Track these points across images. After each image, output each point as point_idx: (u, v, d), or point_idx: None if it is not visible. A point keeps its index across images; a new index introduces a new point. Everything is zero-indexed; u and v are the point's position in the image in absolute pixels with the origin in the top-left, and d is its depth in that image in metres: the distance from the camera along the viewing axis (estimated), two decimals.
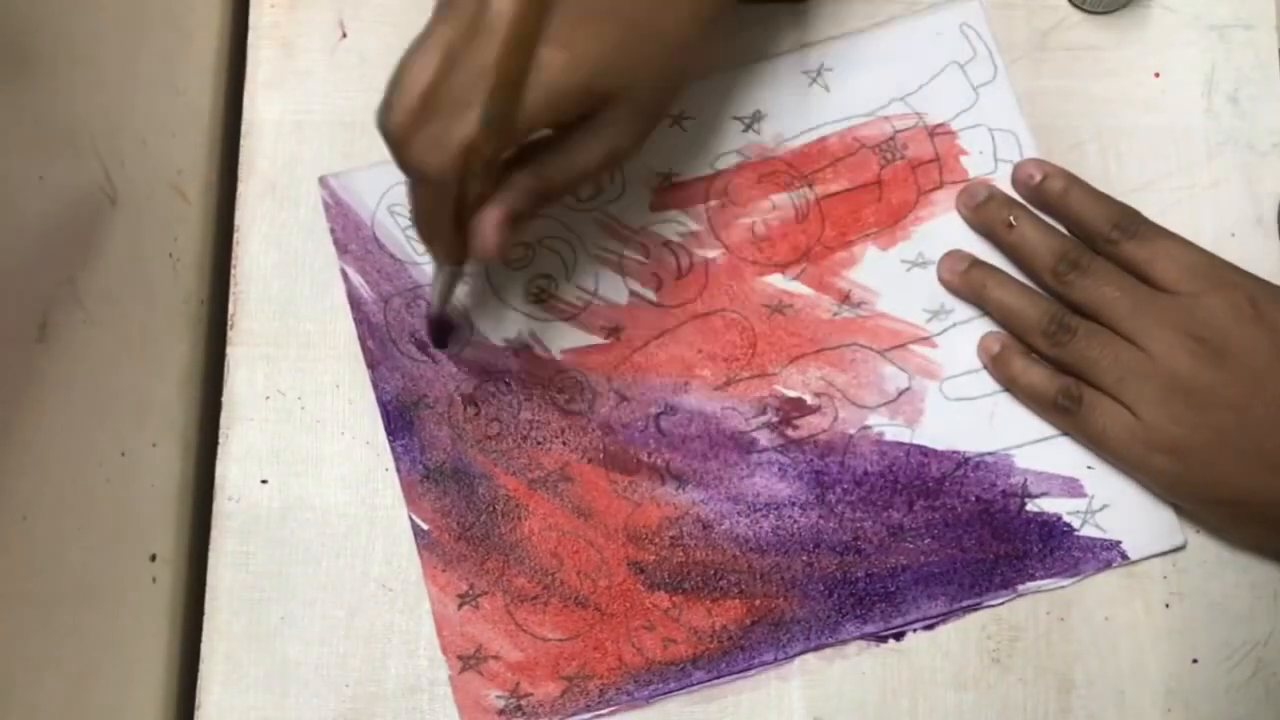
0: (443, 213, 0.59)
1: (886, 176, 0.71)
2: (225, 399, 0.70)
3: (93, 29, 0.62)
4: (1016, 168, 0.70)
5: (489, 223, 0.59)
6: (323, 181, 0.72)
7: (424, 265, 0.71)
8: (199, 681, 0.68)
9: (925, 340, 0.70)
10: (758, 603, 0.67)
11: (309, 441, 0.70)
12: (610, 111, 0.59)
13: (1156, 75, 0.73)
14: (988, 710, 0.67)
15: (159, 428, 0.69)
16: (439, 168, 0.56)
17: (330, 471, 0.70)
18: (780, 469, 0.68)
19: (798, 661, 0.67)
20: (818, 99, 0.72)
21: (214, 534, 0.69)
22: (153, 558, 0.67)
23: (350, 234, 0.71)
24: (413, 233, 0.71)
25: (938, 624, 0.67)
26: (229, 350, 0.71)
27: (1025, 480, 0.68)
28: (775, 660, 0.67)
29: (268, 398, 0.70)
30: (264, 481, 0.69)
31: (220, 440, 0.70)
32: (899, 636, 0.67)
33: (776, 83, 0.73)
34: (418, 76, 0.55)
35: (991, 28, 0.73)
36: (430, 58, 0.55)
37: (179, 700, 0.69)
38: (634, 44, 0.58)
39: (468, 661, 0.67)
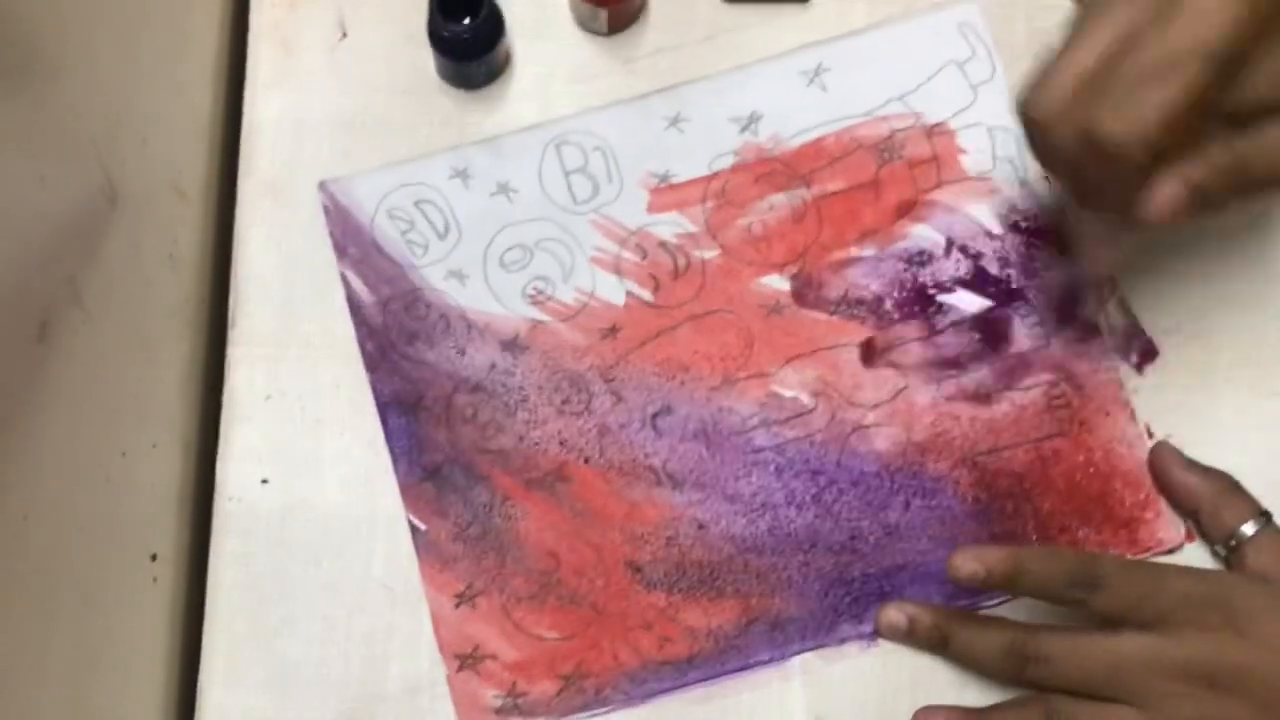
0: (1117, 190, 0.57)
1: (884, 176, 0.71)
2: (225, 399, 0.71)
3: (93, 29, 0.63)
4: (953, 568, 0.62)
5: (1168, 178, 0.56)
6: (322, 186, 0.72)
7: (422, 269, 0.71)
8: (199, 681, 0.68)
9: (922, 340, 0.70)
10: (754, 602, 0.67)
11: (309, 441, 0.70)
12: None
13: None
14: None
15: (159, 428, 0.69)
16: (1128, 129, 0.54)
17: (330, 471, 0.70)
18: (777, 469, 0.68)
19: (798, 661, 0.67)
20: (815, 99, 0.72)
21: (214, 534, 0.69)
22: (153, 558, 0.67)
23: (350, 238, 0.71)
24: (412, 236, 0.71)
25: None
26: (229, 350, 0.71)
27: (1025, 479, 0.68)
28: (771, 660, 0.67)
29: (268, 398, 0.70)
30: (264, 482, 0.70)
31: (220, 440, 0.70)
32: None
33: (774, 83, 0.73)
34: (1083, 53, 0.55)
35: (992, 28, 0.73)
36: (1102, 34, 0.55)
37: (179, 700, 0.69)
38: None
39: (465, 661, 0.67)
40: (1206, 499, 0.66)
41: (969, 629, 0.66)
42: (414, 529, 0.68)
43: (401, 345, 0.70)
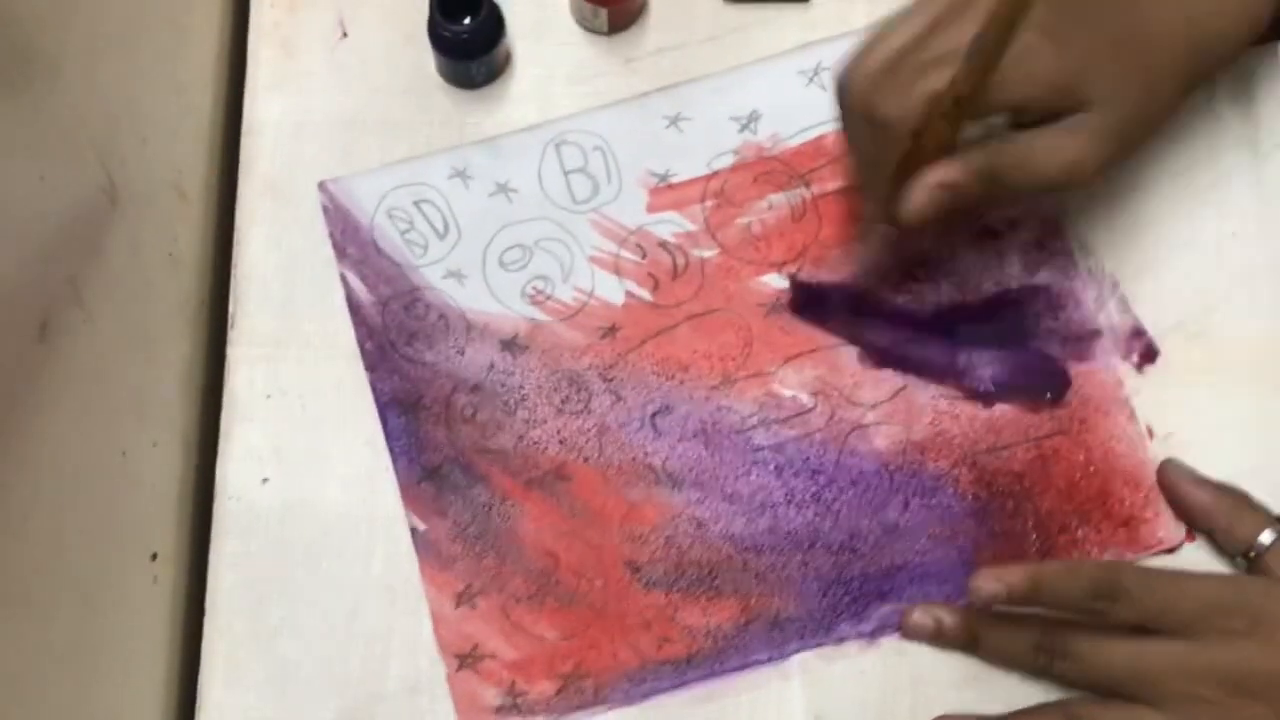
0: (885, 166, 0.61)
1: None
2: (225, 399, 0.71)
3: (93, 29, 0.63)
4: (974, 590, 0.63)
5: (923, 182, 0.60)
6: (321, 186, 0.72)
7: (422, 269, 0.71)
8: (199, 681, 0.68)
9: (921, 339, 0.70)
10: (753, 601, 0.67)
11: (309, 441, 0.70)
12: (1084, 115, 0.60)
13: None
14: (988, 710, 0.66)
15: (159, 428, 0.69)
16: (899, 114, 0.59)
17: (330, 471, 0.70)
18: (776, 468, 0.68)
19: (798, 661, 0.67)
20: (815, 99, 0.72)
21: (214, 534, 0.69)
22: (153, 558, 0.67)
23: (349, 238, 0.71)
24: (411, 236, 0.71)
25: None
26: (229, 350, 0.71)
27: (1024, 478, 0.68)
28: (770, 659, 0.67)
29: (268, 397, 0.70)
30: (264, 481, 0.70)
31: (220, 440, 0.70)
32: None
33: (774, 83, 0.73)
34: (894, 38, 0.60)
35: None
36: (913, 24, 0.60)
37: (179, 700, 0.69)
38: (1128, 54, 0.60)
39: (464, 660, 0.67)
40: (1220, 515, 0.66)
41: (999, 628, 0.66)
42: (413, 529, 0.68)
43: (401, 345, 0.70)
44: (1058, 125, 0.60)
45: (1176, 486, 0.67)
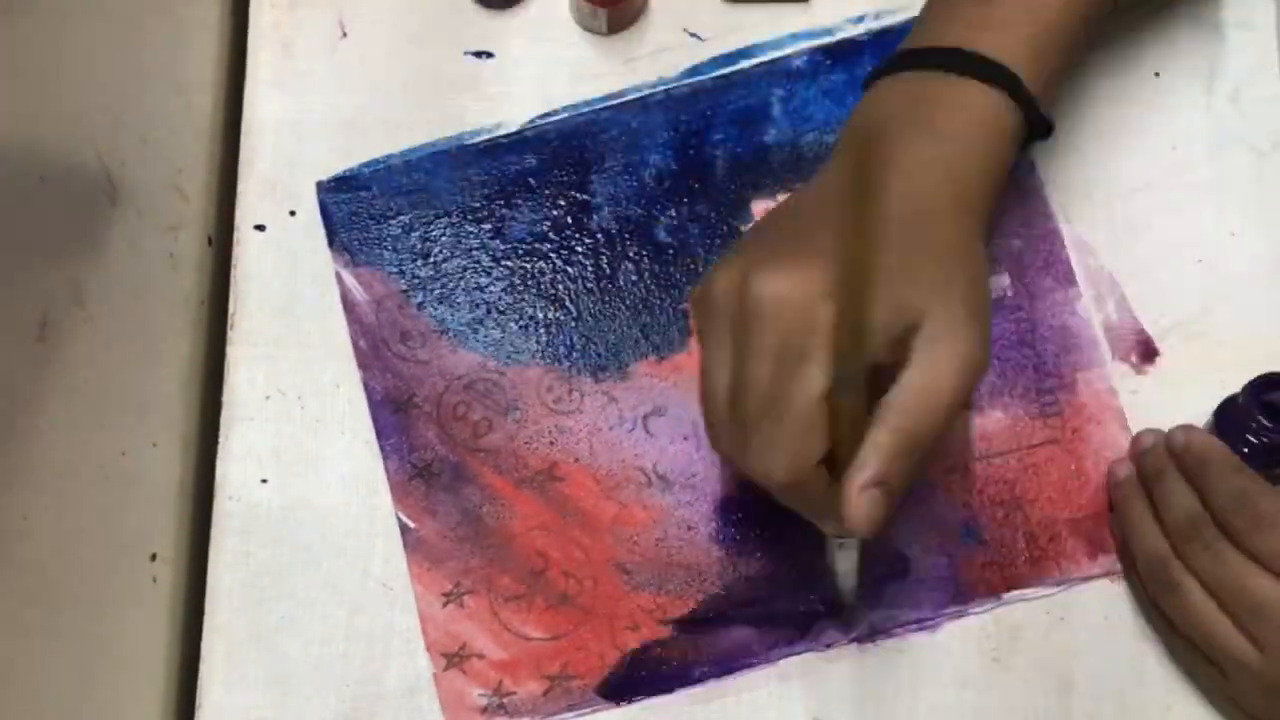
0: (814, 492, 0.56)
1: None
2: (225, 399, 0.71)
3: (93, 29, 0.63)
4: (1171, 432, 0.65)
5: (851, 495, 0.54)
6: (319, 186, 0.72)
7: (417, 269, 0.71)
8: (199, 681, 0.68)
9: None
10: (741, 605, 0.67)
11: (309, 441, 0.70)
12: (931, 322, 0.54)
13: (1156, 75, 0.72)
14: (988, 710, 0.66)
15: (159, 428, 0.69)
16: (783, 475, 0.55)
17: (330, 471, 0.70)
18: None
19: (797, 661, 0.67)
20: (816, 99, 0.72)
21: (214, 534, 0.69)
22: (153, 558, 0.68)
23: (344, 236, 0.72)
24: (408, 235, 0.71)
25: (939, 624, 0.67)
26: (229, 350, 0.71)
27: (1016, 487, 0.68)
28: (758, 663, 0.67)
29: (268, 397, 0.71)
30: (264, 481, 0.70)
31: (220, 440, 0.70)
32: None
33: (774, 83, 0.73)
34: (715, 385, 0.56)
35: None
36: (719, 374, 0.56)
37: (179, 700, 0.69)
38: (915, 239, 0.55)
39: (452, 659, 0.67)
40: None
41: (1177, 482, 0.64)
42: (403, 527, 0.68)
43: (394, 343, 0.70)
44: (920, 350, 0.54)
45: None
